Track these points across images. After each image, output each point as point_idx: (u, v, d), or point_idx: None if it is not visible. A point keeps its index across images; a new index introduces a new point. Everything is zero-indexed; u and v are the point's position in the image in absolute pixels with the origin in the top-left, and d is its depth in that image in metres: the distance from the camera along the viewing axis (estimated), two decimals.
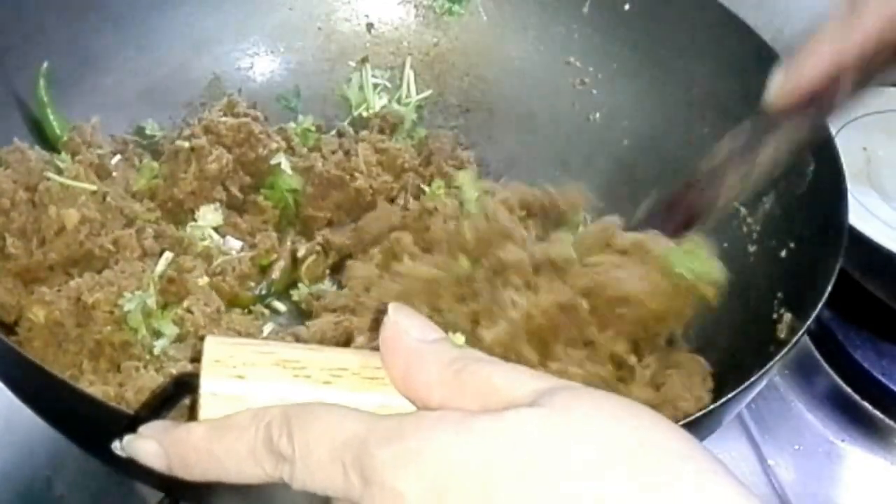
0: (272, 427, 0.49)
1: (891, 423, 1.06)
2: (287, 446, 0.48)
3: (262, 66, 1.11)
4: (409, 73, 1.12)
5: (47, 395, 0.70)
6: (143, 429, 0.53)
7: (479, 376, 0.48)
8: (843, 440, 1.05)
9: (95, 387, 0.78)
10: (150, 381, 0.78)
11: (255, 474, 0.50)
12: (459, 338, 0.51)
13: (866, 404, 1.07)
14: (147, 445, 0.52)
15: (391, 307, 0.52)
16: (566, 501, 0.43)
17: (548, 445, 0.44)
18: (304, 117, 1.07)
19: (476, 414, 0.46)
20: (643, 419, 0.46)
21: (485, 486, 0.44)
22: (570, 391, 0.47)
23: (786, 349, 0.77)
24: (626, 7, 1.04)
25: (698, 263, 0.81)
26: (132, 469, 0.68)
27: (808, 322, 0.78)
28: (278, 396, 0.51)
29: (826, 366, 1.10)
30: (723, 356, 0.87)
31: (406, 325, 0.51)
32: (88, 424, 0.67)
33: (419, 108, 1.11)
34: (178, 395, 0.56)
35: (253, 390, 0.51)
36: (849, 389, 1.08)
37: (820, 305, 0.78)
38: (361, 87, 1.11)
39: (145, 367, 0.81)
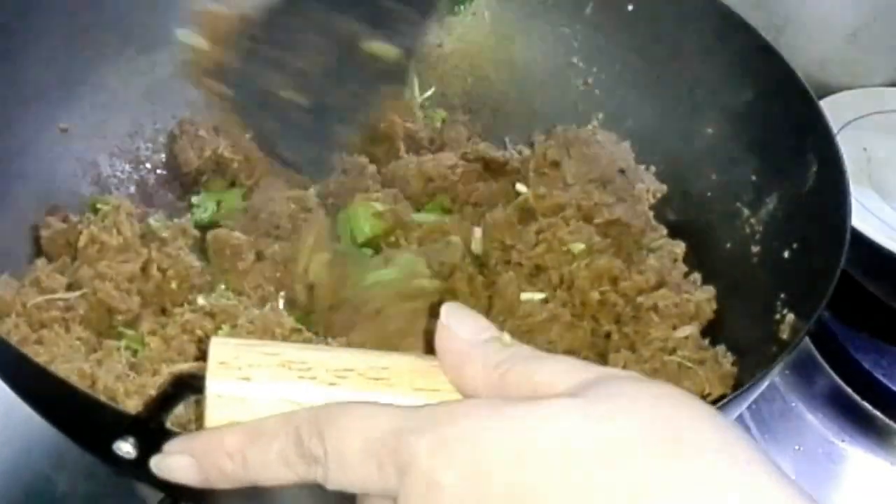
0: (301, 430, 0.48)
1: (891, 423, 1.06)
2: (318, 447, 0.48)
3: None
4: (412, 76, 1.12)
5: (49, 396, 0.70)
6: (170, 446, 0.52)
7: (522, 375, 0.48)
8: (843, 440, 1.05)
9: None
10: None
11: (289, 478, 0.49)
12: (507, 336, 0.51)
13: (867, 405, 1.07)
14: (180, 462, 0.52)
15: (444, 308, 0.52)
16: (601, 489, 0.42)
17: (584, 433, 0.44)
18: None
19: (512, 401, 0.46)
20: (684, 407, 0.45)
21: (521, 472, 0.43)
22: (612, 381, 0.46)
23: (788, 350, 0.77)
24: (630, 8, 1.03)
25: None
26: (133, 469, 0.68)
27: (811, 323, 0.78)
28: (284, 397, 0.51)
29: (826, 366, 1.10)
30: None
31: (456, 326, 0.51)
32: (90, 425, 0.67)
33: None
34: (180, 395, 0.56)
35: (258, 392, 0.51)
36: (849, 390, 1.08)
37: (822, 306, 0.78)
38: None
39: None
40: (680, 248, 0.95)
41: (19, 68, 0.91)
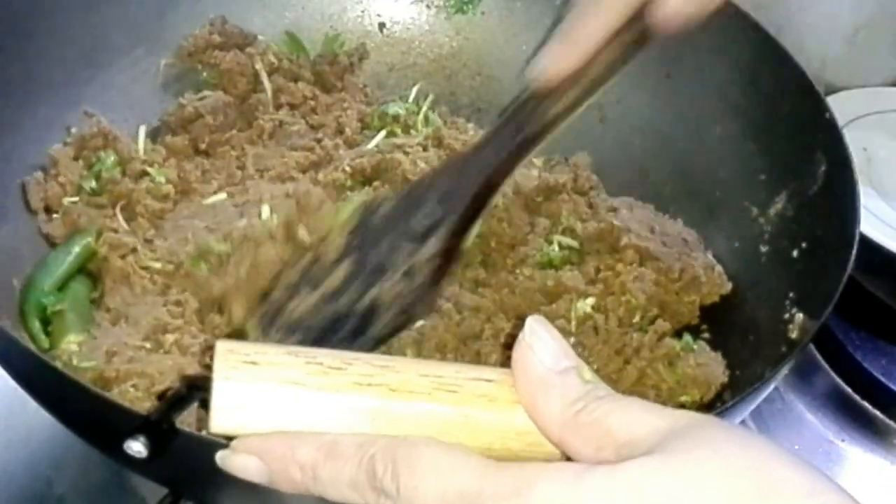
0: (376, 461, 0.48)
1: (891, 423, 1.06)
2: (391, 484, 0.48)
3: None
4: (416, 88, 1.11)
5: (61, 396, 0.70)
6: (238, 444, 0.52)
7: (596, 417, 0.48)
8: (843, 440, 1.05)
9: None
10: None
11: (357, 501, 0.50)
12: (588, 371, 0.51)
13: (866, 404, 1.07)
14: (247, 462, 0.52)
15: (528, 324, 0.52)
16: None
17: (672, 494, 0.43)
18: None
19: (593, 467, 0.45)
20: (767, 452, 0.45)
21: None
22: (690, 429, 0.46)
23: (798, 348, 0.78)
24: None
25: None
26: (143, 467, 0.67)
27: (820, 323, 0.78)
28: (291, 380, 0.51)
29: (826, 366, 1.10)
30: (734, 355, 0.88)
31: (539, 350, 0.51)
32: (102, 425, 0.67)
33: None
34: (191, 397, 0.56)
35: (265, 374, 0.51)
36: (849, 389, 1.08)
37: (831, 306, 0.78)
38: None
39: None
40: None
41: (28, 68, 0.91)
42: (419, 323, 0.80)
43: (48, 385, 0.70)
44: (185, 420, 0.62)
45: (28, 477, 0.89)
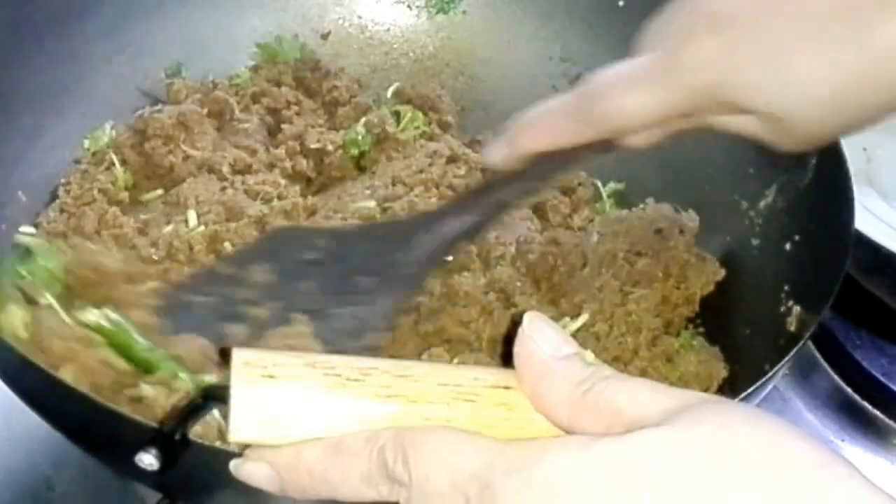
0: (386, 451, 0.49)
1: (891, 423, 1.06)
2: (403, 472, 0.48)
3: None
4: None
5: (67, 409, 0.68)
6: (251, 452, 0.53)
7: (604, 396, 0.48)
8: (843, 440, 1.05)
9: None
10: None
11: (370, 496, 0.50)
12: (590, 355, 0.51)
13: (866, 404, 1.07)
14: (259, 470, 0.53)
15: (526, 318, 0.52)
16: None
17: (672, 466, 0.43)
18: None
19: (599, 437, 0.46)
20: (774, 427, 0.45)
21: None
22: (698, 406, 0.46)
23: (801, 341, 0.77)
24: (621, 3, 1.03)
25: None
26: (153, 479, 0.68)
27: (821, 316, 0.78)
28: (310, 395, 0.51)
29: (826, 366, 1.10)
30: (733, 350, 0.87)
31: (539, 340, 0.51)
32: (111, 438, 0.66)
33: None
34: (206, 407, 0.55)
35: (284, 389, 0.51)
36: (849, 389, 1.08)
37: (831, 300, 0.78)
38: None
39: None
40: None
41: (9, 78, 0.91)
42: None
43: (54, 398, 0.68)
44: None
45: (28, 477, 0.89)
